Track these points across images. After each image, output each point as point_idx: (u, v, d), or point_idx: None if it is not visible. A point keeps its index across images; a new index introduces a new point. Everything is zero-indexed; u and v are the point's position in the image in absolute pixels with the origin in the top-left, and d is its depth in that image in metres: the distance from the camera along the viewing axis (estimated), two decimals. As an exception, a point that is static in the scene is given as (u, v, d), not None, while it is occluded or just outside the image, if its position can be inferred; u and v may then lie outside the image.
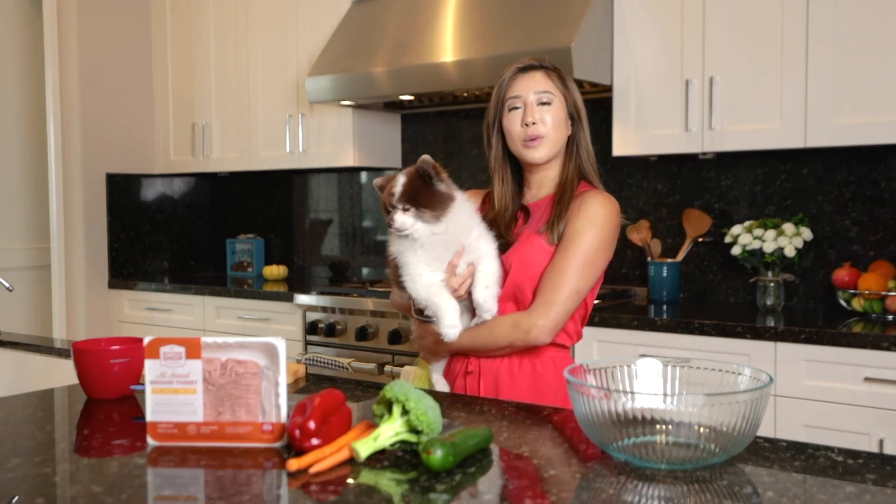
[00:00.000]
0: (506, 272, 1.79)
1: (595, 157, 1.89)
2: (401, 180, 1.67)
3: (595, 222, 1.77)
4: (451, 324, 1.71)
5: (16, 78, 4.54)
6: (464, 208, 1.74)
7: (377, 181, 1.74)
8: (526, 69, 1.86)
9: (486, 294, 1.74)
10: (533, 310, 1.75)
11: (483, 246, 1.76)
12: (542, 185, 1.88)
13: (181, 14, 4.32)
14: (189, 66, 4.30)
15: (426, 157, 1.68)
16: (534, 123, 1.80)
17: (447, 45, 3.19)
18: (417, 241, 1.70)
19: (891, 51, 2.54)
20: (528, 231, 1.83)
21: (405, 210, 1.66)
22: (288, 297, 3.55)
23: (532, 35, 2.98)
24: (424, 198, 1.67)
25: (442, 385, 1.87)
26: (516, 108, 1.84)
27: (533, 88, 1.82)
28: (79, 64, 4.12)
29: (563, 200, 1.81)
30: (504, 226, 1.84)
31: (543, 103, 1.81)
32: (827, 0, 2.62)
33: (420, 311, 1.81)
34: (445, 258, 1.73)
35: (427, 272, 1.73)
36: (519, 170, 1.91)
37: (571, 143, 1.87)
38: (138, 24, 4.38)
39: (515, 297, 1.80)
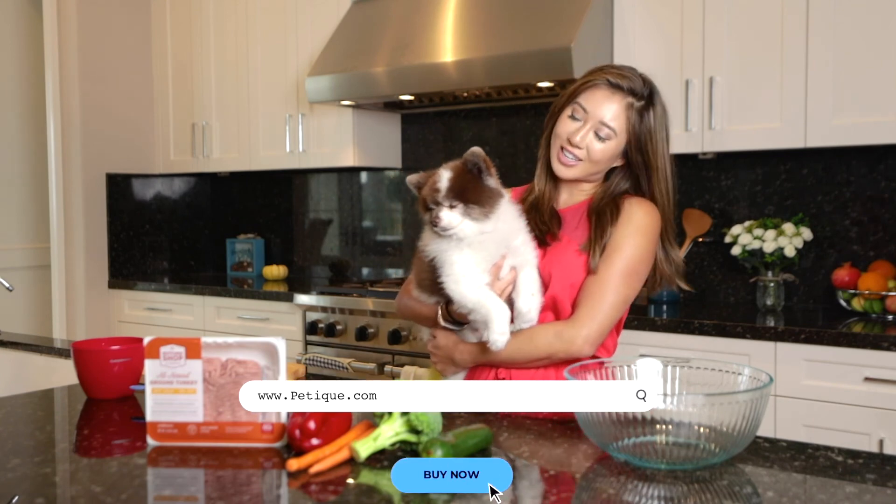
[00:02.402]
0: (545, 283, 1.69)
1: (673, 200, 1.75)
2: (445, 175, 1.55)
3: (640, 231, 1.68)
4: (502, 331, 1.56)
5: (16, 78, 4.54)
6: (511, 207, 1.63)
7: (412, 178, 1.61)
8: (614, 87, 1.69)
9: (532, 302, 1.63)
10: (576, 320, 1.64)
11: (528, 251, 1.65)
12: (574, 192, 1.79)
13: (181, 14, 4.32)
14: (189, 66, 4.30)
15: (477, 148, 1.56)
16: (577, 146, 1.69)
17: (447, 45, 3.20)
18: (464, 241, 1.57)
19: (891, 51, 2.54)
20: (567, 239, 1.73)
21: (452, 207, 1.54)
22: (288, 297, 3.55)
23: (532, 35, 2.98)
24: (473, 193, 1.54)
25: None
26: (576, 118, 1.70)
27: (603, 114, 1.68)
28: (79, 64, 4.12)
29: (603, 219, 1.70)
30: (546, 214, 1.74)
31: (599, 136, 1.68)
32: (827, 0, 2.62)
33: (450, 319, 1.68)
34: (491, 260, 1.61)
35: (474, 273, 1.59)
36: None
37: (622, 177, 1.74)
38: (138, 24, 4.38)
39: (555, 308, 1.70)
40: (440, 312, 1.70)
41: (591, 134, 1.68)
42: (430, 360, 1.86)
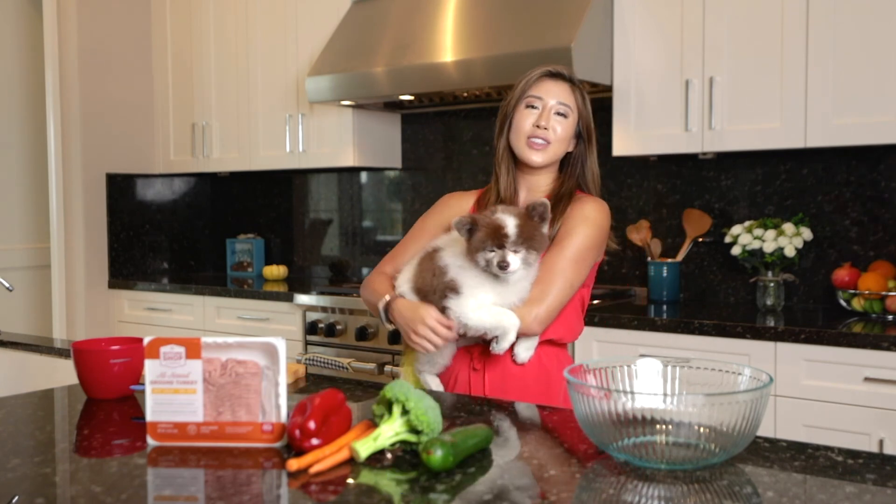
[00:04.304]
0: None
1: (600, 180, 1.96)
2: (512, 221, 1.67)
3: (588, 221, 1.84)
4: (511, 339, 1.73)
5: (16, 78, 4.54)
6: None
7: (461, 220, 1.70)
8: (555, 76, 1.89)
9: (527, 355, 1.81)
10: (528, 301, 1.76)
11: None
12: (532, 189, 1.93)
13: (181, 14, 4.32)
14: (189, 66, 4.30)
15: (546, 200, 1.70)
16: (545, 128, 1.85)
17: (447, 45, 3.19)
18: (508, 281, 1.71)
19: (891, 51, 2.54)
20: None
21: (515, 252, 1.67)
22: (288, 297, 3.55)
23: (532, 35, 2.98)
24: (534, 239, 1.68)
25: (436, 385, 1.87)
26: (534, 107, 1.87)
27: (556, 96, 1.87)
28: (79, 64, 4.12)
29: (556, 209, 1.85)
30: None
31: (560, 114, 1.86)
32: (827, 0, 2.62)
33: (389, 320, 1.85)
34: (505, 297, 1.74)
35: (487, 298, 1.73)
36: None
37: (575, 160, 1.93)
38: (138, 23, 4.38)
39: None
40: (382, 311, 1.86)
41: (552, 115, 1.86)
42: (408, 358, 1.91)
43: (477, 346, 1.84)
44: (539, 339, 1.83)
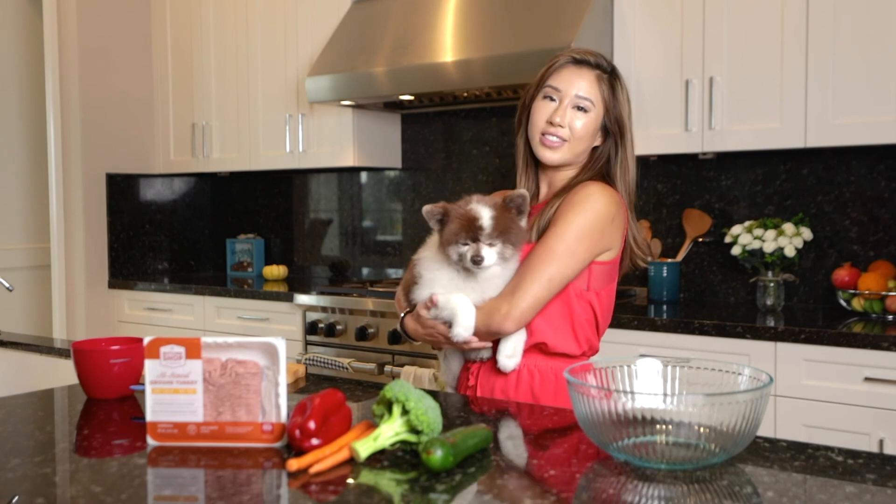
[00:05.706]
0: None
1: (634, 185, 1.77)
2: (487, 212, 1.56)
3: (580, 208, 1.63)
4: (467, 325, 1.62)
5: (16, 78, 4.54)
6: (519, 256, 1.65)
7: (431, 209, 1.61)
8: (580, 63, 1.71)
9: (511, 363, 1.69)
10: (502, 295, 1.64)
11: None
12: (552, 185, 1.79)
13: (181, 14, 4.32)
14: (189, 66, 4.30)
15: (523, 190, 1.59)
16: (559, 125, 1.69)
17: (447, 45, 3.19)
18: (478, 276, 1.61)
19: (891, 51, 2.54)
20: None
21: (491, 245, 1.56)
22: (288, 297, 3.55)
23: (532, 35, 2.98)
24: (511, 233, 1.57)
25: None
26: (551, 99, 1.71)
27: (577, 88, 1.69)
28: (79, 64, 4.12)
29: (557, 196, 1.71)
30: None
31: (579, 108, 1.69)
32: (827, 0, 2.62)
33: (403, 331, 1.78)
34: (473, 294, 1.64)
35: (444, 287, 1.65)
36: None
37: (599, 156, 1.75)
38: (138, 23, 4.38)
39: None
40: (399, 322, 1.77)
41: (569, 110, 1.69)
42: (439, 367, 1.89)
43: (474, 363, 1.76)
44: (550, 353, 1.70)
